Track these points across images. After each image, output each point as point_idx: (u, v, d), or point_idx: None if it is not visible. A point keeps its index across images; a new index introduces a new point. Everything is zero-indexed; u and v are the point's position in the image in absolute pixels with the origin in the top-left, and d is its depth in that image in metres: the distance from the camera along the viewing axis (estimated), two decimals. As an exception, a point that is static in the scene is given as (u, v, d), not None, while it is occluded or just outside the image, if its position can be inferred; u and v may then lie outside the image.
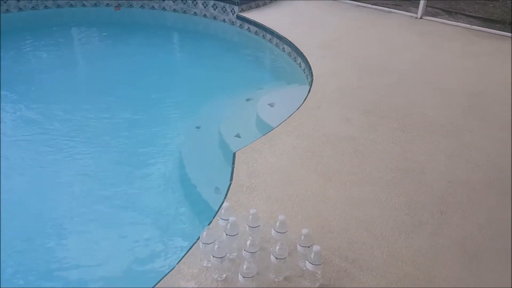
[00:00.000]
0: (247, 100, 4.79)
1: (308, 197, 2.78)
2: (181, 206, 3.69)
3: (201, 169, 4.00)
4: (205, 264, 2.26)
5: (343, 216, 2.63)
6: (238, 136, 4.10)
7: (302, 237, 2.21)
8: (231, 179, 2.96)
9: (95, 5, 7.23)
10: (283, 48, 5.65)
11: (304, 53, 5.04)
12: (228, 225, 2.26)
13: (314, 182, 2.92)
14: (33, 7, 6.92)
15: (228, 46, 6.77)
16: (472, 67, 4.77)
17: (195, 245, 2.39)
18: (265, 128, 4.07)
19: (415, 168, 3.09)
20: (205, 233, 2.21)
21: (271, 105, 4.35)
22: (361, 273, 2.24)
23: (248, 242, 2.16)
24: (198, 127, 4.57)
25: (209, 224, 2.54)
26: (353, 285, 2.16)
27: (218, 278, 2.18)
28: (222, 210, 2.38)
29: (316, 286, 2.14)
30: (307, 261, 2.12)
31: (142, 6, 7.24)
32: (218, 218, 2.41)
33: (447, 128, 3.60)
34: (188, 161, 4.11)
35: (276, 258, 2.12)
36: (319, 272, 2.12)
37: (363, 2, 6.89)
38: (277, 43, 5.81)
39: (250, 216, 2.32)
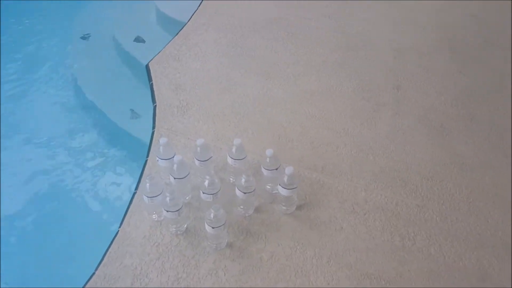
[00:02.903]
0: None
1: (252, 104, 2.36)
2: (97, 142, 3.11)
3: (104, 90, 3.31)
4: (155, 218, 1.85)
5: (297, 117, 2.28)
6: (139, 39, 3.39)
7: (268, 159, 1.84)
8: (153, 101, 2.40)
9: None
10: None
11: None
12: (175, 166, 1.80)
13: (253, 83, 2.47)
14: None
15: None
16: None
17: (135, 197, 1.93)
18: (171, 25, 3.39)
19: (357, 42, 2.74)
20: (147, 184, 1.74)
21: (170, -9, 3.58)
22: (336, 180, 1.98)
23: (206, 182, 1.75)
24: (85, 37, 3.71)
25: (144, 167, 2.06)
26: (332, 196, 1.91)
27: (178, 232, 1.79)
28: (160, 148, 1.89)
29: (294, 209, 1.87)
30: (279, 186, 1.79)
31: None
32: (157, 158, 1.92)
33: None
34: (85, 83, 3.38)
35: (244, 193, 1.76)
36: (294, 195, 1.82)
37: None
38: None
39: (198, 148, 1.87)
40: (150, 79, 2.51)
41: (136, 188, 1.98)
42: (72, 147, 3.13)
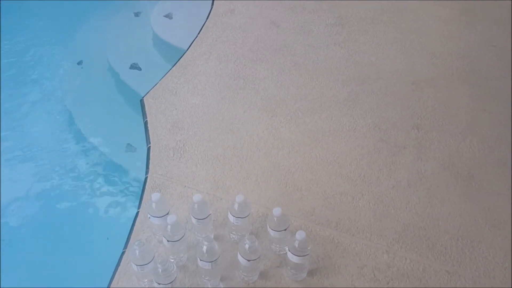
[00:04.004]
0: (136, 15, 3.72)
1: (256, 145, 2.12)
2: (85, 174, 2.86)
3: (98, 122, 3.09)
4: (146, 285, 1.60)
5: (306, 161, 2.04)
6: (135, 67, 3.18)
7: (275, 219, 1.60)
8: (148, 141, 2.17)
9: None
10: None
11: None
12: (169, 227, 1.56)
13: (257, 122, 2.24)
14: None
15: None
16: None
17: (123, 258, 1.69)
18: (168, 50, 3.18)
19: (369, 74, 2.52)
20: (137, 251, 1.50)
21: (169, 16, 3.38)
22: (353, 239, 1.73)
23: (204, 248, 1.50)
24: (80, 63, 3.50)
25: (134, 221, 1.82)
26: (348, 259, 1.66)
27: (172, 303, 1.55)
28: (152, 204, 1.65)
29: (305, 276, 1.62)
30: (289, 251, 1.55)
31: None
32: (149, 215, 1.68)
33: (388, 12, 3.01)
34: (78, 113, 3.16)
35: (248, 260, 1.52)
36: (307, 263, 1.58)
37: None
38: None
39: (196, 205, 1.63)
40: (144, 116, 2.28)
41: (125, 247, 1.74)
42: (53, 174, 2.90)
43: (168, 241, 1.57)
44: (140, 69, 3.17)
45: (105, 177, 2.76)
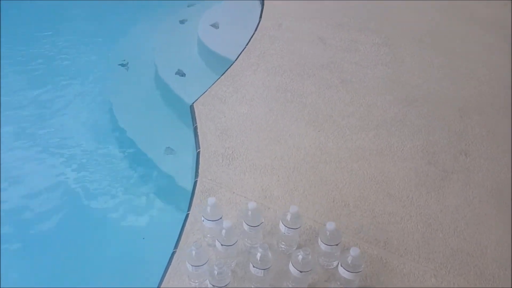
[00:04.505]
0: (181, 22, 3.81)
1: (303, 158, 2.15)
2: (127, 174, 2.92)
3: (140, 124, 3.15)
4: (196, 285, 1.62)
5: (353, 178, 2.06)
6: (180, 73, 3.24)
7: (327, 233, 1.61)
8: (197, 146, 2.21)
9: None
10: None
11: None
12: (223, 232, 1.59)
13: (304, 135, 2.27)
14: None
15: None
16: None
17: (174, 258, 1.72)
18: (213, 59, 3.24)
19: (417, 96, 2.53)
20: (194, 252, 1.53)
21: (215, 26, 3.45)
22: (401, 260, 1.74)
23: (258, 256, 1.53)
24: (124, 65, 3.58)
25: (185, 222, 1.85)
26: (396, 280, 1.67)
27: (222, 306, 1.57)
28: (207, 208, 1.68)
29: (353, 293, 1.63)
30: (341, 267, 1.56)
31: None
32: (203, 218, 1.71)
33: (434, 35, 3.03)
34: (120, 113, 3.23)
35: (300, 272, 1.53)
36: (357, 280, 1.58)
37: None
38: None
39: (249, 212, 1.66)
40: (194, 121, 2.33)
41: (175, 247, 1.77)
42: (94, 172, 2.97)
43: (222, 245, 1.60)
44: (184, 75, 3.24)
45: (149, 179, 2.82)
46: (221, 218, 1.69)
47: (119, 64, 3.52)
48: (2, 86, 3.47)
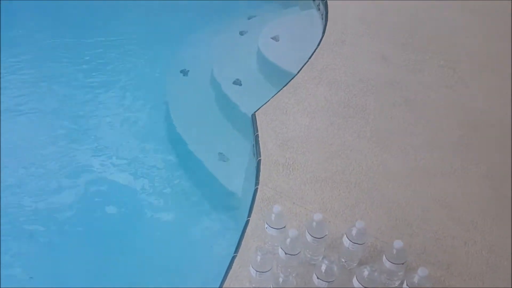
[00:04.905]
0: (241, 33, 3.90)
1: (365, 174, 2.14)
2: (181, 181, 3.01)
3: (197, 129, 3.23)
4: (255, 289, 1.65)
5: (416, 198, 2.03)
6: (238, 82, 3.32)
7: (394, 251, 1.58)
8: (258, 154, 2.25)
9: None
10: (274, -39, 4.62)
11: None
12: (288, 240, 1.61)
13: (366, 151, 2.26)
14: None
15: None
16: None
17: (234, 263, 1.75)
18: (272, 71, 3.29)
19: (481, 121, 2.48)
20: (259, 257, 1.56)
21: (276, 39, 3.51)
22: (464, 284, 1.69)
23: (323, 267, 1.53)
24: (184, 72, 3.70)
25: (245, 228, 1.88)
26: (460, 305, 1.64)
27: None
28: (272, 216, 1.71)
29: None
30: (407, 286, 1.54)
31: None
32: (267, 225, 1.74)
33: (498, 59, 2.96)
34: (178, 118, 3.33)
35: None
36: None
37: None
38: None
39: (314, 223, 1.67)
40: (256, 130, 2.38)
41: (236, 251, 1.80)
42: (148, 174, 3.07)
43: (286, 253, 1.62)
44: (241, 84, 3.31)
45: (204, 185, 2.88)
46: (285, 226, 1.71)
47: (180, 71, 3.64)
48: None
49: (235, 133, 3.09)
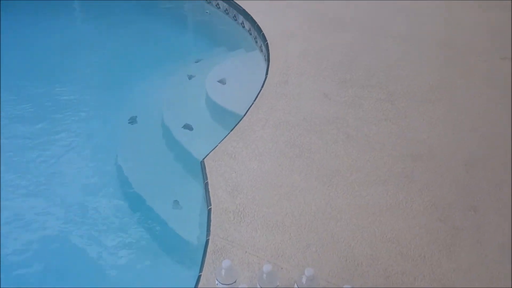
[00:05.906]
0: (189, 77, 3.93)
1: (314, 214, 2.16)
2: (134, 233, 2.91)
3: (149, 179, 3.17)
4: None
5: (364, 236, 2.07)
6: (187, 127, 3.31)
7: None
8: (208, 203, 2.23)
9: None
10: (217, 4, 4.74)
11: (247, 10, 4.21)
12: (238, 297, 1.58)
13: (314, 191, 2.29)
14: None
15: (143, 7, 5.55)
16: (440, 14, 4.28)
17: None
18: (221, 114, 3.32)
19: (422, 152, 2.58)
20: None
21: (222, 82, 3.55)
22: (416, 321, 1.73)
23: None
24: (132, 120, 3.65)
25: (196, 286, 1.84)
26: None
27: None
28: (222, 271, 1.68)
29: None
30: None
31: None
32: (217, 281, 1.71)
33: (436, 90, 3.11)
34: (129, 169, 3.25)
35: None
36: None
37: None
38: (208, -2, 4.87)
39: (265, 275, 1.65)
40: (205, 177, 2.36)
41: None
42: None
43: (237, 310, 1.59)
44: (192, 129, 3.30)
45: (156, 235, 2.80)
46: (235, 281, 1.69)
47: (129, 119, 3.59)
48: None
49: (189, 179, 3.06)
